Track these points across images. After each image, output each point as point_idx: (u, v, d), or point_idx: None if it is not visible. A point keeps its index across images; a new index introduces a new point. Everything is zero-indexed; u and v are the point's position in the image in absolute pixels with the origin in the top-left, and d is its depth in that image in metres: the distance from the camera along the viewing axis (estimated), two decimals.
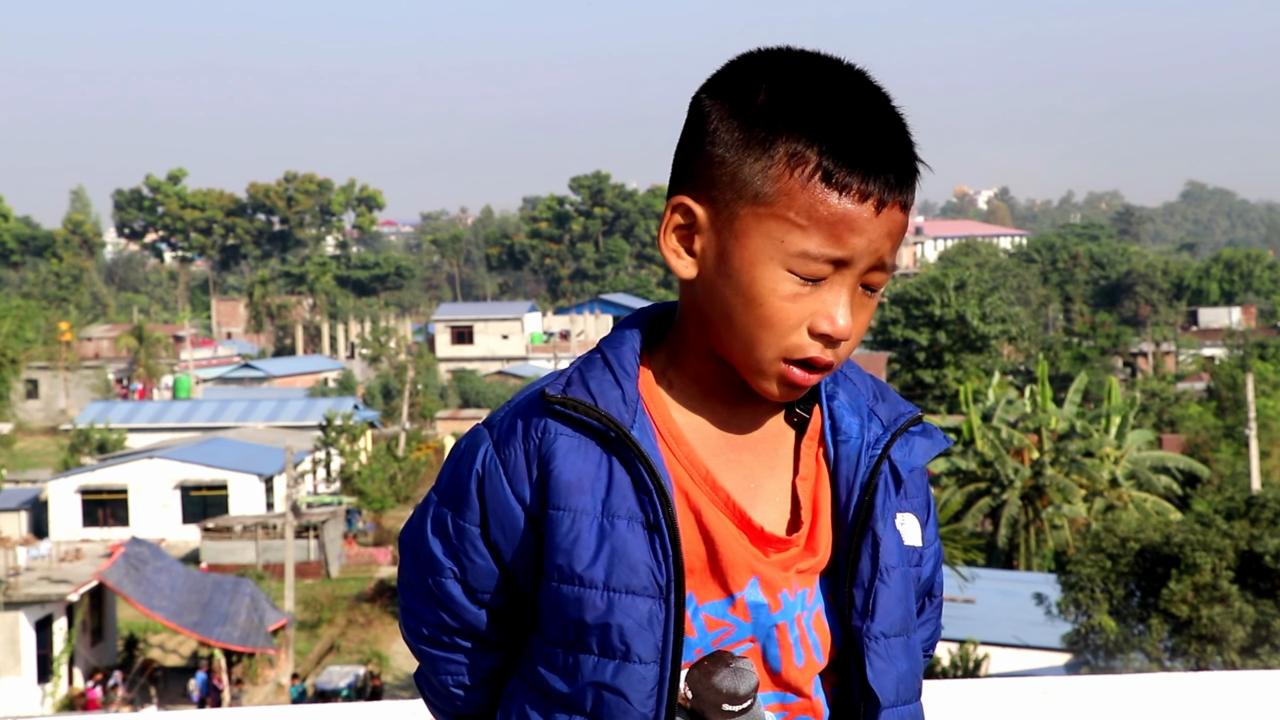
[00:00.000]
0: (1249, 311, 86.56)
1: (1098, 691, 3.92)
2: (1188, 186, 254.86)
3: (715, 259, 1.67)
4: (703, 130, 1.68)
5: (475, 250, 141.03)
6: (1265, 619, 20.64)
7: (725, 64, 1.70)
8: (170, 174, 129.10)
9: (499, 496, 1.71)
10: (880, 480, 1.74)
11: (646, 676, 1.65)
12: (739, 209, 1.65)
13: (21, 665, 29.50)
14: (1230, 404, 48.54)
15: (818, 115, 1.63)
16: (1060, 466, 35.62)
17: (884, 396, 1.81)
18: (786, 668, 1.71)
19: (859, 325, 1.67)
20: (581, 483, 1.67)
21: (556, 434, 1.69)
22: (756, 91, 1.65)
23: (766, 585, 1.69)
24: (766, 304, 1.64)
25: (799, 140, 1.62)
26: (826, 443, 1.77)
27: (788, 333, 1.64)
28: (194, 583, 32.58)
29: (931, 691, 3.82)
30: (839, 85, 1.66)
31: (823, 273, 1.63)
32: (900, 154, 1.65)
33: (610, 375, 1.71)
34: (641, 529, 1.65)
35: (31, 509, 45.41)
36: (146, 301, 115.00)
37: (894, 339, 58.28)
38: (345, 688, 30.07)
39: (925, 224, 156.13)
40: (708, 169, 1.67)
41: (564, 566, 1.67)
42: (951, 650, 24.05)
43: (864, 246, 1.63)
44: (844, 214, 1.61)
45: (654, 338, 1.78)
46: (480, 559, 1.74)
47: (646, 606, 1.65)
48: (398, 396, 66.41)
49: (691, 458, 1.71)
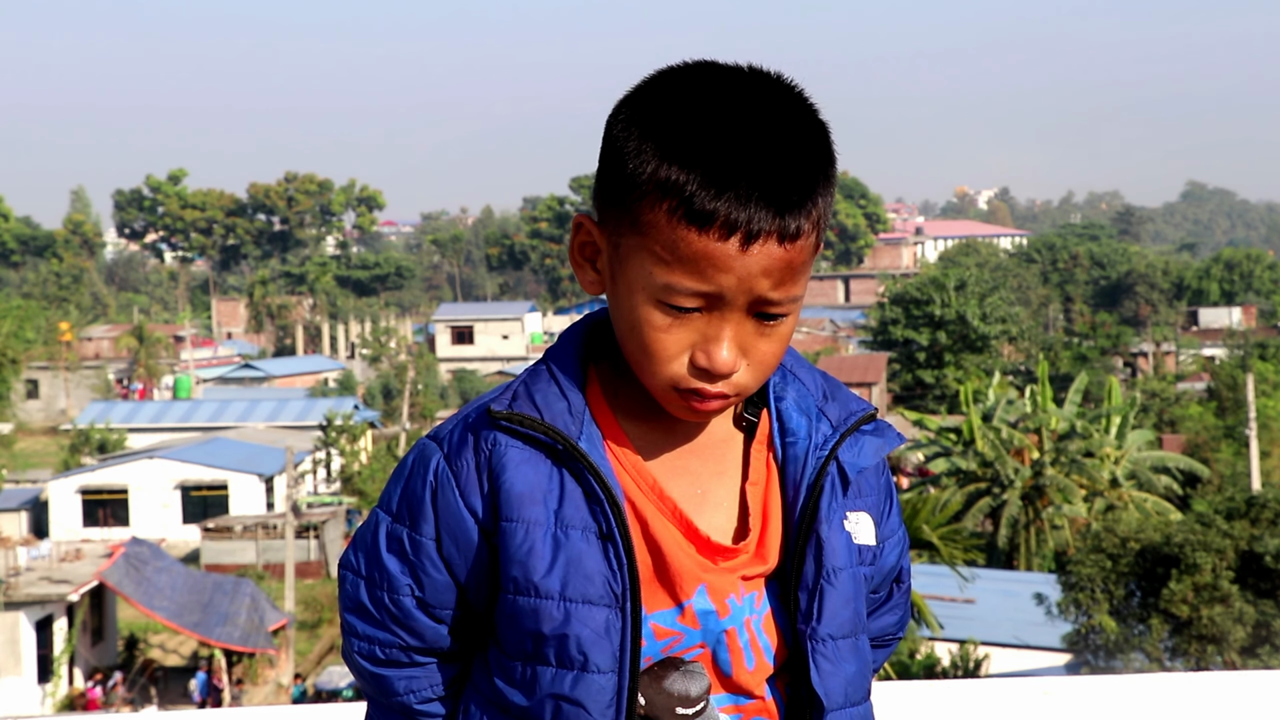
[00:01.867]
0: (1249, 312, 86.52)
1: (1098, 691, 3.92)
2: (1188, 187, 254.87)
3: (609, 281, 1.67)
4: (606, 149, 1.65)
5: (475, 250, 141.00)
6: (1265, 619, 20.64)
7: (641, 80, 1.65)
8: (170, 174, 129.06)
9: (451, 509, 1.69)
10: (826, 481, 1.72)
11: (605, 686, 1.64)
12: (622, 235, 1.63)
13: (22, 665, 29.50)
14: (1230, 404, 48.52)
15: (689, 141, 1.56)
16: (1060, 466, 35.61)
17: (834, 396, 1.78)
18: (737, 671, 1.70)
19: (762, 354, 1.63)
20: (534, 494, 1.66)
21: (506, 446, 1.67)
22: (646, 113, 1.60)
23: (714, 592, 1.68)
24: (642, 333, 1.62)
25: (669, 168, 1.56)
26: (775, 445, 1.75)
27: (668, 362, 1.61)
28: (194, 583, 32.57)
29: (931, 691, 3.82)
30: (730, 107, 1.58)
31: (692, 304, 1.58)
32: (783, 180, 1.56)
33: (556, 387, 1.69)
34: (595, 539, 1.64)
35: (32, 509, 45.40)
36: (147, 302, 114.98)
37: (894, 339, 58.28)
38: (346, 687, 30.06)
39: (926, 224, 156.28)
40: (603, 190, 1.65)
41: (519, 578, 1.65)
42: (952, 650, 24.04)
43: (733, 282, 1.56)
44: (705, 251, 1.55)
45: (600, 345, 1.76)
46: (437, 573, 1.71)
47: (603, 616, 1.64)
48: (398, 396, 66.42)
49: (638, 467, 1.70)
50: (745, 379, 1.64)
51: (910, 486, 42.39)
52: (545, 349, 1.77)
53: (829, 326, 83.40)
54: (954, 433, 37.65)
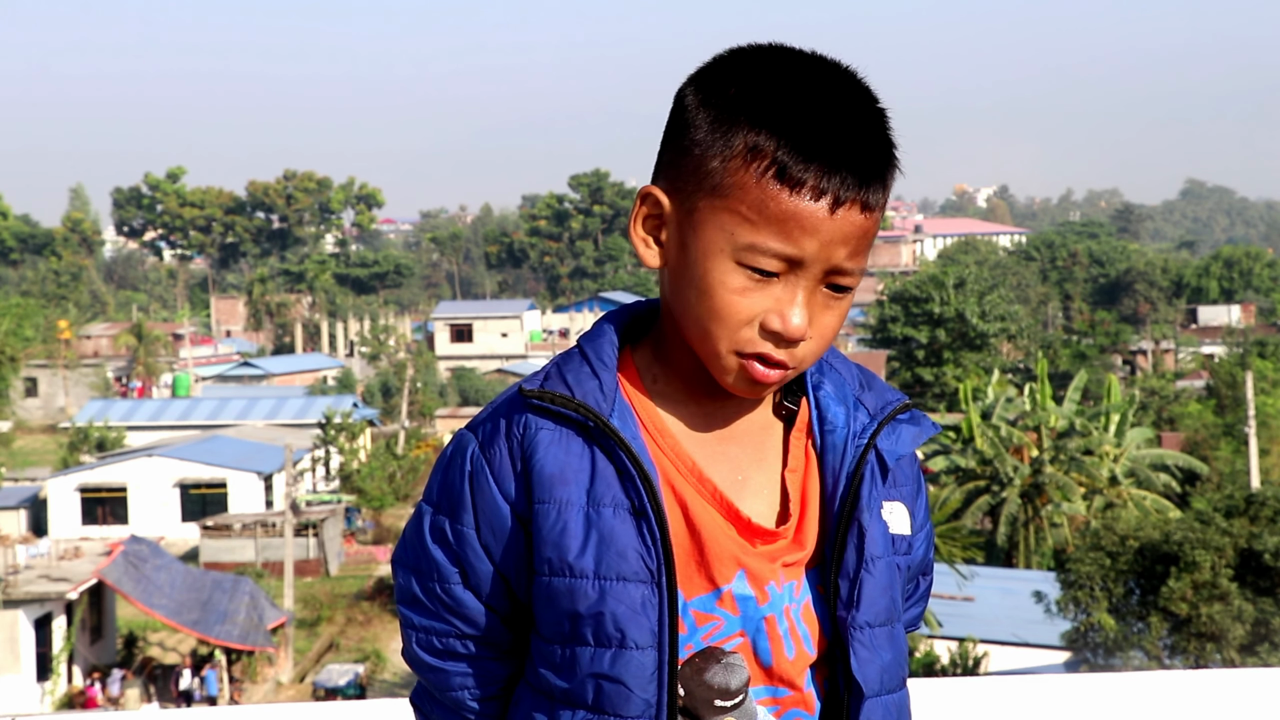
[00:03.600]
0: (1248, 309, 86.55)
1: (1097, 689, 3.91)
2: (1187, 184, 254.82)
3: (677, 250, 1.68)
4: (678, 122, 1.69)
5: (474, 248, 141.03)
6: (1264, 617, 20.64)
7: (712, 58, 1.70)
8: (169, 172, 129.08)
9: (487, 496, 1.71)
10: (866, 470, 1.74)
11: (645, 662, 1.65)
12: (698, 200, 1.65)
13: (21, 663, 29.50)
14: (1230, 402, 48.53)
15: (780, 110, 1.62)
16: (1060, 464, 35.62)
17: (871, 385, 1.80)
18: (777, 661, 1.71)
19: (824, 326, 1.66)
20: (564, 474, 1.67)
21: (537, 428, 1.69)
22: (728, 85, 1.65)
23: (753, 578, 1.69)
24: (716, 296, 1.63)
25: (758, 134, 1.61)
26: (814, 434, 1.76)
27: (738, 327, 1.63)
28: (193, 581, 32.58)
29: (931, 690, 3.81)
30: (811, 82, 1.64)
31: (773, 268, 1.62)
32: (865, 153, 1.62)
33: (588, 368, 1.71)
34: (628, 515, 1.65)
35: (31, 507, 45.40)
36: (146, 299, 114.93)
37: (893, 337, 58.29)
38: (347, 685, 30.07)
39: (925, 222, 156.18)
40: (677, 160, 1.68)
41: (553, 559, 1.66)
42: (951, 648, 24.06)
43: (816, 247, 1.61)
44: (795, 211, 1.60)
45: (638, 333, 1.78)
46: (480, 563, 1.73)
47: (639, 592, 1.65)
48: (397, 394, 66.44)
49: (677, 450, 1.71)
50: (806, 351, 1.67)
51: None
52: (579, 335, 1.79)
53: None
54: (953, 431, 37.67)
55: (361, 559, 43.60)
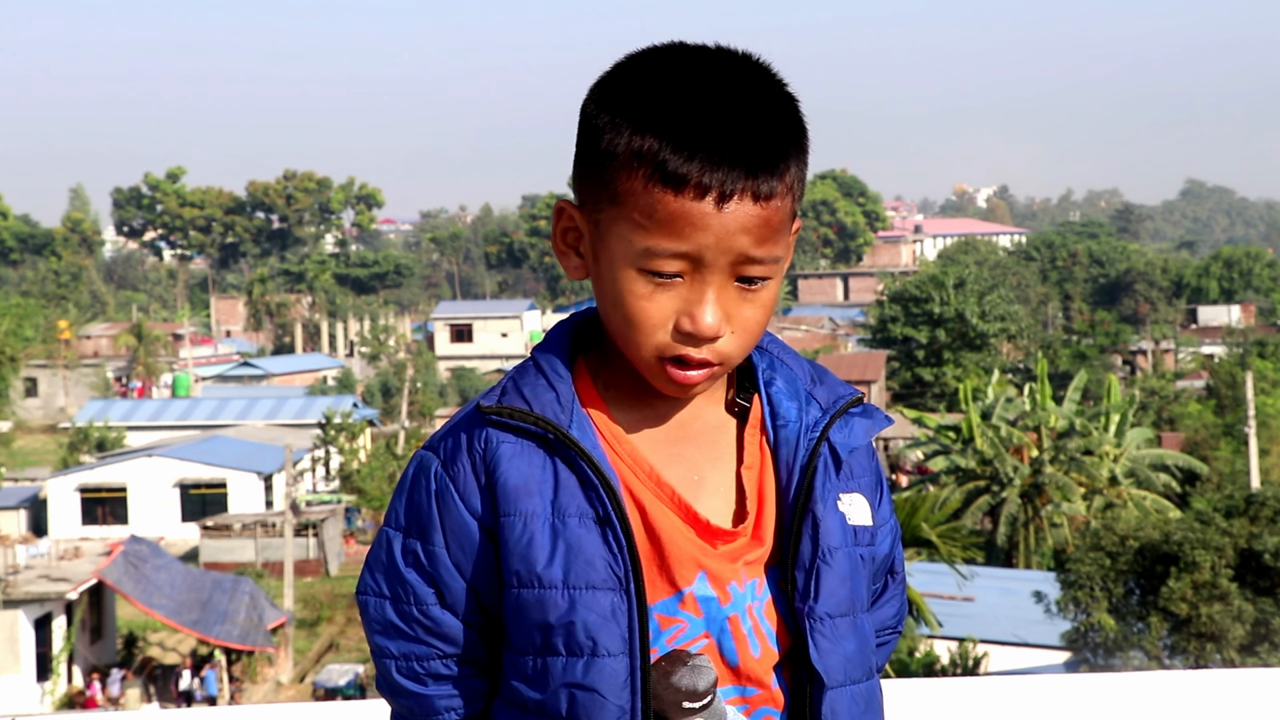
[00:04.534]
0: (1248, 309, 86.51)
1: (1097, 689, 3.91)
2: (1187, 184, 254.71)
3: (593, 261, 1.70)
4: (580, 133, 1.70)
5: (474, 248, 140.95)
6: (1265, 617, 20.64)
7: (612, 65, 1.70)
8: (169, 172, 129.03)
9: (454, 514, 1.71)
10: (819, 462, 1.74)
11: (617, 669, 1.65)
12: (601, 211, 1.66)
13: (21, 663, 29.50)
14: (1230, 402, 48.52)
15: (660, 111, 1.61)
16: (1060, 464, 35.62)
17: (822, 380, 1.81)
18: (744, 659, 1.71)
19: (745, 320, 1.66)
20: (528, 486, 1.67)
21: (499, 442, 1.69)
22: (616, 92, 1.66)
23: (714, 579, 1.69)
24: (626, 304, 1.65)
25: (642, 138, 1.61)
26: (768, 429, 1.76)
27: (653, 331, 1.64)
28: (193, 581, 32.57)
29: (931, 690, 3.81)
30: (695, 79, 1.63)
31: (675, 269, 1.62)
32: (751, 143, 1.60)
33: (543, 380, 1.72)
34: (594, 524, 1.66)
35: (30, 507, 45.40)
36: (145, 300, 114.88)
37: (893, 337, 58.29)
38: (347, 685, 30.06)
39: (925, 222, 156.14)
40: (581, 172, 1.69)
41: (521, 571, 1.67)
42: (951, 648, 24.05)
43: (711, 242, 1.60)
44: (683, 211, 1.59)
45: (588, 340, 1.78)
46: (454, 581, 1.73)
47: (608, 600, 1.65)
48: (397, 394, 66.43)
49: (634, 455, 1.71)
50: (729, 347, 1.66)
51: (909, 484, 42.42)
52: (533, 347, 1.80)
53: (828, 324, 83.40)
54: (953, 431, 37.67)
55: (361, 559, 43.58)
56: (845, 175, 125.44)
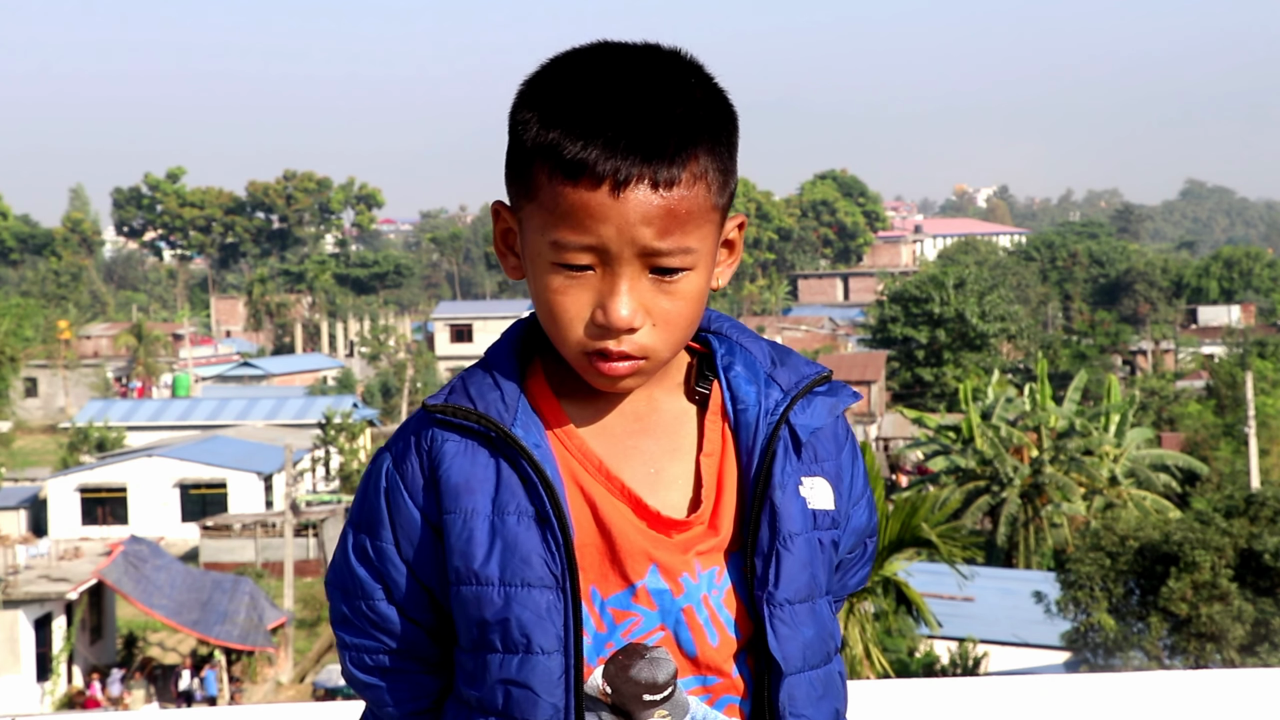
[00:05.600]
0: (1248, 309, 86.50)
1: (1097, 689, 3.91)
2: (1187, 184, 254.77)
3: (523, 259, 1.71)
4: (509, 135, 1.71)
5: (474, 248, 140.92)
6: (1264, 617, 20.64)
7: (537, 66, 1.72)
8: (169, 172, 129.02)
9: (402, 510, 1.73)
10: (779, 446, 1.73)
11: (551, 667, 1.67)
12: (522, 209, 1.68)
13: (20, 664, 29.49)
14: (1230, 402, 48.51)
15: (562, 105, 1.62)
16: (1060, 465, 35.62)
17: (784, 361, 1.79)
18: (702, 649, 1.71)
19: (665, 312, 1.65)
20: (470, 484, 1.69)
21: (443, 441, 1.71)
22: (532, 91, 1.68)
23: (665, 571, 1.69)
24: (545, 299, 1.66)
25: (546, 132, 1.62)
26: (729, 415, 1.76)
27: (570, 325, 1.65)
28: (193, 581, 32.57)
29: (931, 690, 3.81)
30: (601, 73, 1.64)
31: (583, 261, 1.62)
32: (647, 130, 1.59)
33: (490, 379, 1.73)
34: (532, 522, 1.67)
35: (30, 507, 45.39)
36: (145, 300, 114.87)
37: (893, 337, 58.28)
38: (347, 685, 30.06)
39: (925, 222, 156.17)
40: (509, 172, 1.71)
41: (460, 567, 1.69)
42: (950, 648, 24.05)
43: (613, 232, 1.60)
44: (582, 201, 1.60)
45: (546, 340, 1.78)
46: (401, 577, 1.75)
47: (544, 598, 1.66)
48: (397, 395, 66.44)
49: (584, 450, 1.72)
50: (650, 340, 1.65)
51: (909, 484, 42.43)
52: (489, 346, 1.81)
53: (828, 325, 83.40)
54: (953, 431, 37.66)
55: None
56: (845, 175, 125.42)
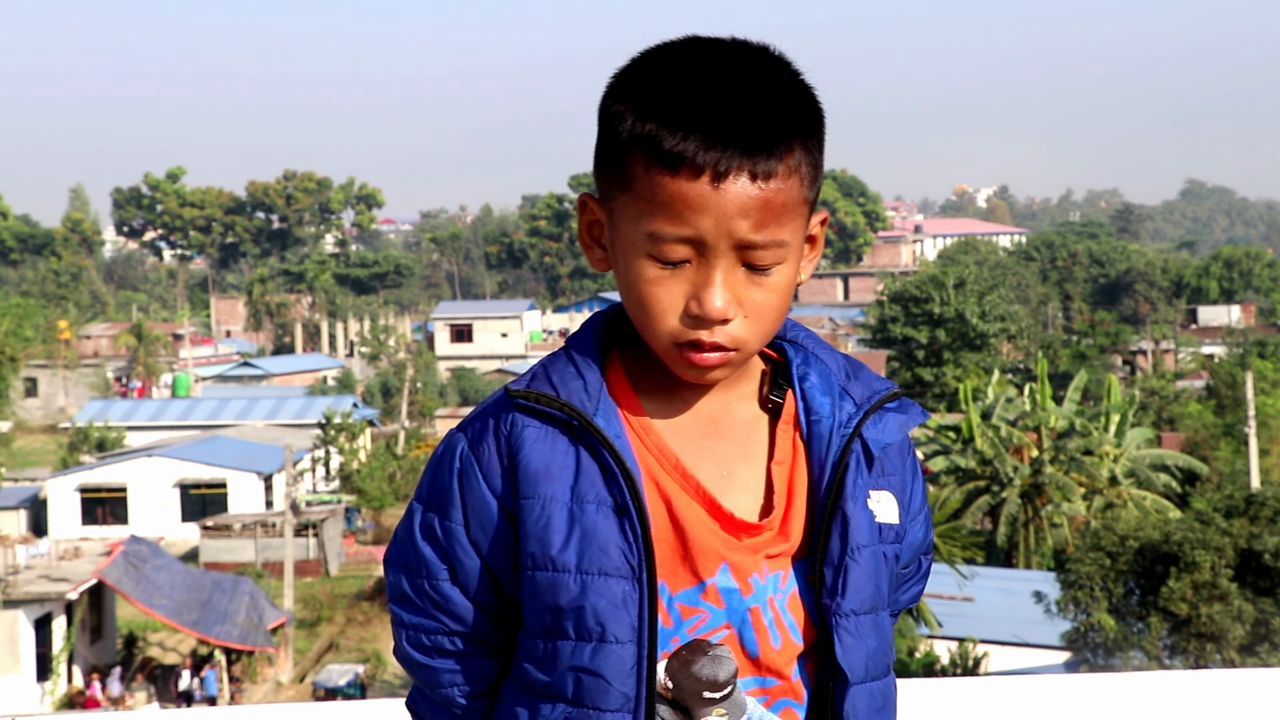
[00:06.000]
0: (1248, 309, 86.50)
1: (1097, 689, 3.91)
2: (1187, 184, 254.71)
3: (611, 251, 1.73)
4: (598, 126, 1.73)
5: (474, 248, 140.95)
6: (1264, 617, 20.64)
7: (628, 60, 1.73)
8: (169, 172, 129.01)
9: (475, 492, 1.74)
10: (851, 459, 1.75)
11: (624, 656, 1.68)
12: (614, 200, 1.70)
13: (21, 663, 29.48)
14: (1230, 402, 48.52)
15: (660, 96, 1.64)
16: (1060, 464, 35.61)
17: (857, 375, 1.82)
18: (764, 651, 1.73)
19: (757, 305, 1.67)
20: (549, 470, 1.70)
21: (524, 426, 1.72)
22: (627, 84, 1.69)
23: (736, 570, 1.71)
24: (637, 289, 1.68)
25: (643, 123, 1.64)
26: (801, 425, 1.78)
27: (664, 316, 1.67)
28: (193, 581, 32.57)
29: (931, 690, 3.81)
30: (698, 65, 1.66)
31: (679, 254, 1.64)
32: (747, 122, 1.62)
33: (573, 368, 1.74)
34: (610, 512, 1.68)
35: (30, 507, 45.39)
36: (145, 300, 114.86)
37: (893, 337, 58.27)
38: (347, 685, 30.06)
39: (925, 222, 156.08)
40: (598, 164, 1.73)
41: (536, 553, 1.69)
42: (950, 648, 24.05)
43: (710, 224, 1.62)
44: (680, 192, 1.61)
45: (624, 334, 1.80)
46: (468, 559, 1.76)
47: (619, 587, 1.67)
48: (397, 395, 66.42)
49: (661, 446, 1.73)
50: (742, 331, 1.67)
51: None
52: (569, 336, 1.82)
53: (828, 324, 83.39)
54: (953, 431, 37.65)
55: (361, 559, 43.59)
56: (845, 175, 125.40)
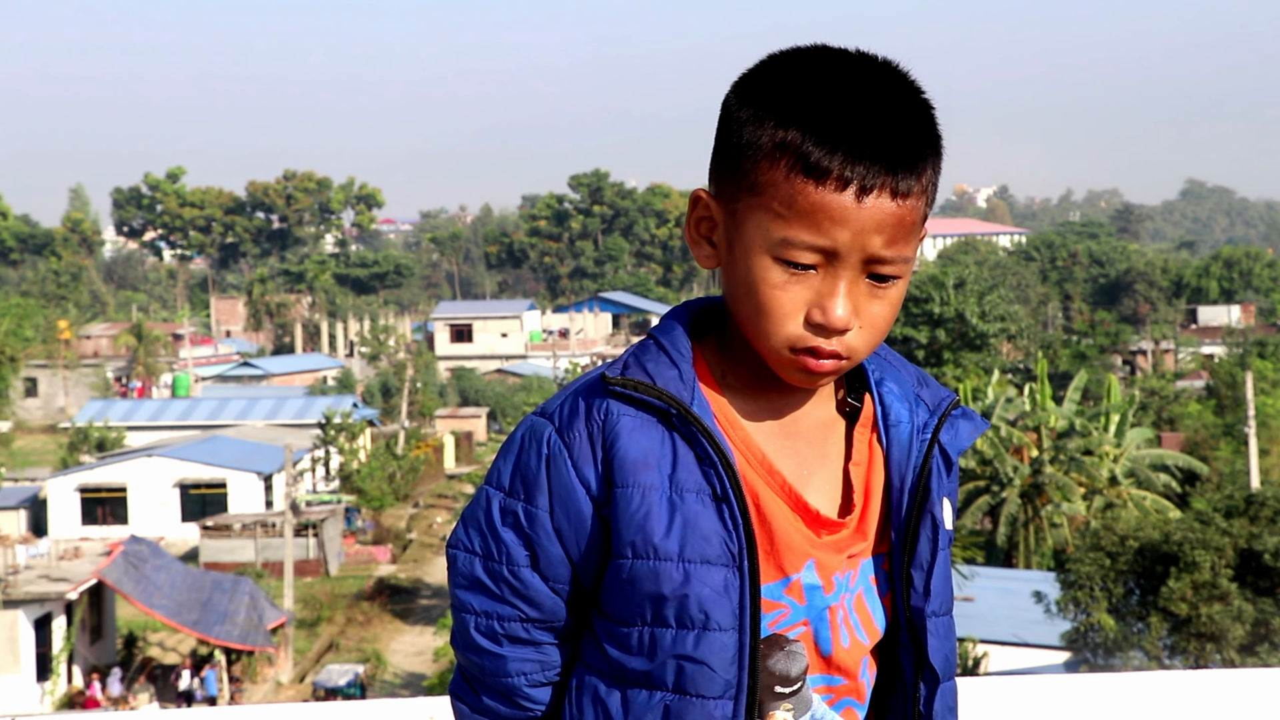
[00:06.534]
0: (1248, 309, 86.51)
1: (1097, 689, 3.91)
2: (1187, 184, 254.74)
3: (725, 250, 1.73)
4: (721, 127, 1.74)
5: (474, 248, 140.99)
6: (1264, 617, 20.63)
7: (754, 63, 1.74)
8: (169, 172, 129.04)
9: (564, 480, 1.73)
10: (934, 464, 1.79)
11: (727, 644, 1.69)
12: (739, 201, 1.70)
13: (20, 664, 29.48)
14: (1229, 402, 48.51)
15: (805, 106, 1.65)
16: (1059, 464, 35.60)
17: (927, 383, 1.86)
18: (836, 649, 1.76)
19: (873, 316, 1.69)
20: (648, 459, 1.70)
21: (620, 414, 1.72)
22: (761, 87, 1.70)
23: (821, 568, 1.74)
24: (759, 292, 1.67)
25: (785, 130, 1.65)
26: (879, 429, 1.81)
27: (783, 321, 1.67)
28: (193, 581, 32.56)
29: None
30: (839, 77, 1.67)
31: (810, 261, 1.65)
32: (891, 141, 1.64)
33: (666, 357, 1.75)
34: (710, 500, 1.69)
35: (30, 507, 45.39)
36: (145, 300, 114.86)
37: (893, 337, 58.27)
38: (347, 685, 30.06)
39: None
40: (720, 163, 1.73)
41: (637, 542, 1.69)
42: None
43: (848, 236, 1.63)
44: (823, 203, 1.63)
45: (703, 330, 1.82)
46: (552, 546, 1.76)
47: (721, 575, 1.68)
48: (397, 395, 66.41)
49: (748, 442, 1.75)
50: (857, 341, 1.69)
51: None
52: (650, 329, 1.82)
53: None
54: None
55: (361, 559, 43.59)
56: None
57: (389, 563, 43.31)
